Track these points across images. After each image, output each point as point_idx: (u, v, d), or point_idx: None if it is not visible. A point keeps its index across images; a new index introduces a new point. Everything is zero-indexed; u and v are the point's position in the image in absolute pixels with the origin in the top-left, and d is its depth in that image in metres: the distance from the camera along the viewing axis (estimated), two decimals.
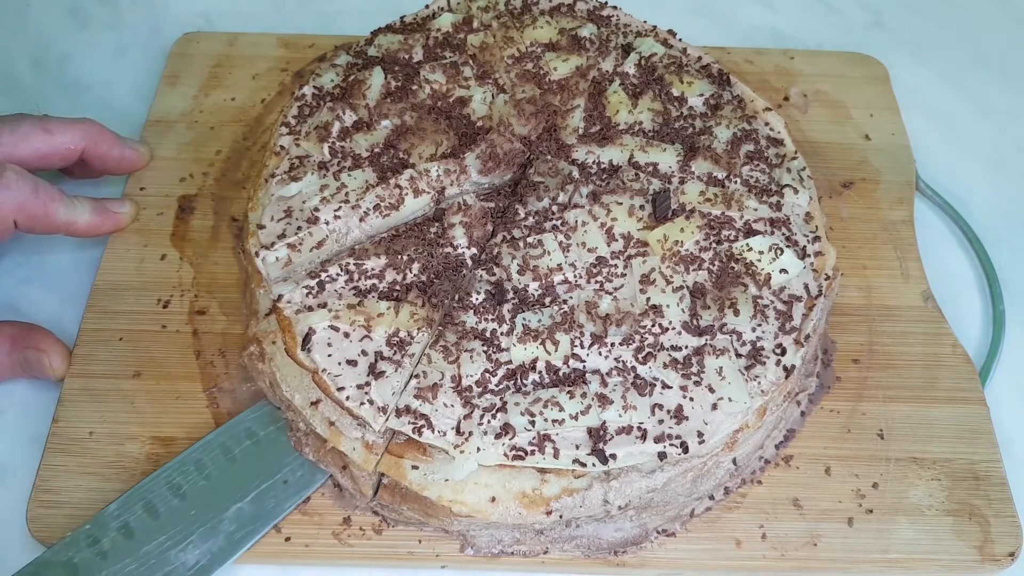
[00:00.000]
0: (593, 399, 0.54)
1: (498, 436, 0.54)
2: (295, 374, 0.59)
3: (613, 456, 0.53)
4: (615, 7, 0.79)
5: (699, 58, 0.75)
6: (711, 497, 0.61)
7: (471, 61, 0.73)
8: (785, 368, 0.58)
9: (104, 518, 0.56)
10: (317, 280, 0.59)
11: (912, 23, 0.95)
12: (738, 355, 0.58)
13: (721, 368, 0.57)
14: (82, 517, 0.58)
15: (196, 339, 0.67)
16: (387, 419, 0.55)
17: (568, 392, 0.55)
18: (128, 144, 0.74)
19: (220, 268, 0.71)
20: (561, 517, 0.55)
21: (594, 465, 0.53)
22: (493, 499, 0.55)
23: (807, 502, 0.61)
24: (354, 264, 0.60)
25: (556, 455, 0.53)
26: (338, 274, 0.60)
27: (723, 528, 0.60)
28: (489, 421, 0.54)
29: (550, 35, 0.74)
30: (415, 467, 0.55)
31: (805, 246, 0.63)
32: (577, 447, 0.54)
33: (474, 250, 0.62)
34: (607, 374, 0.56)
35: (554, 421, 0.54)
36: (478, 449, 0.54)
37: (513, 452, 0.53)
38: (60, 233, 0.67)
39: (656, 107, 0.70)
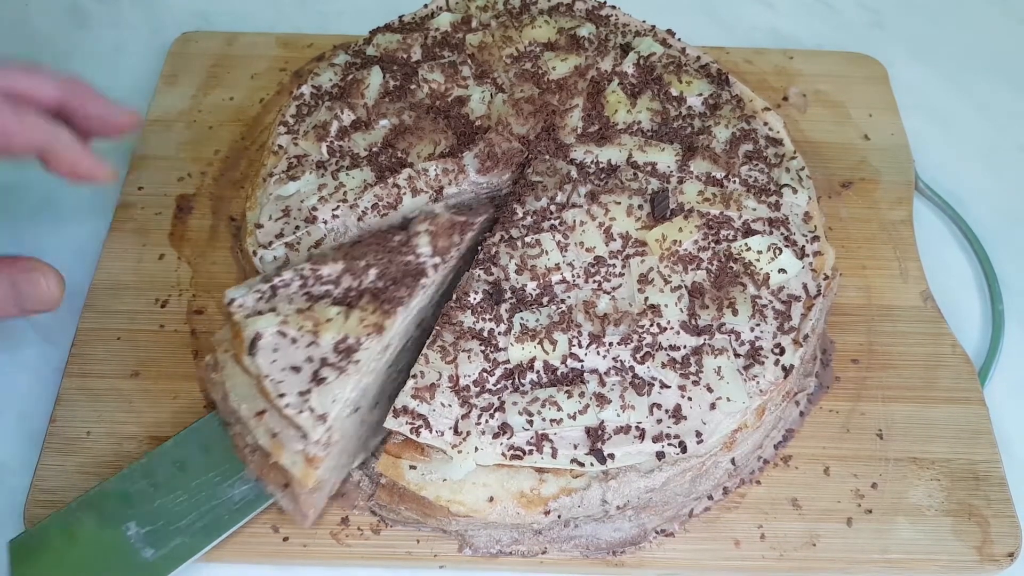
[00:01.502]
0: (591, 399, 0.54)
1: (496, 436, 0.54)
2: (244, 383, 0.57)
3: (611, 456, 0.53)
4: (614, 6, 0.79)
5: (698, 58, 0.75)
6: (710, 497, 0.61)
7: (469, 60, 0.73)
8: (784, 368, 0.58)
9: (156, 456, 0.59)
10: (270, 284, 0.58)
11: (911, 23, 0.95)
12: (736, 355, 0.58)
13: (719, 368, 0.56)
14: None
15: (194, 339, 0.67)
16: (328, 429, 0.53)
17: (566, 392, 0.55)
18: (115, 104, 0.64)
19: (218, 267, 0.71)
20: (559, 517, 0.55)
21: (592, 465, 0.53)
22: (491, 499, 0.54)
23: (806, 502, 0.61)
24: (310, 269, 0.58)
25: (554, 455, 0.53)
26: (292, 279, 0.58)
27: (722, 528, 0.60)
28: (487, 421, 0.54)
29: (549, 35, 0.74)
30: (413, 467, 0.55)
31: (804, 246, 0.63)
32: (575, 447, 0.54)
33: (437, 259, 0.60)
34: (605, 374, 0.56)
35: (552, 421, 0.54)
36: (476, 449, 0.53)
37: (511, 452, 0.53)
38: (31, 151, 0.57)
39: (655, 107, 0.70)
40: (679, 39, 0.76)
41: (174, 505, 0.57)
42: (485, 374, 0.56)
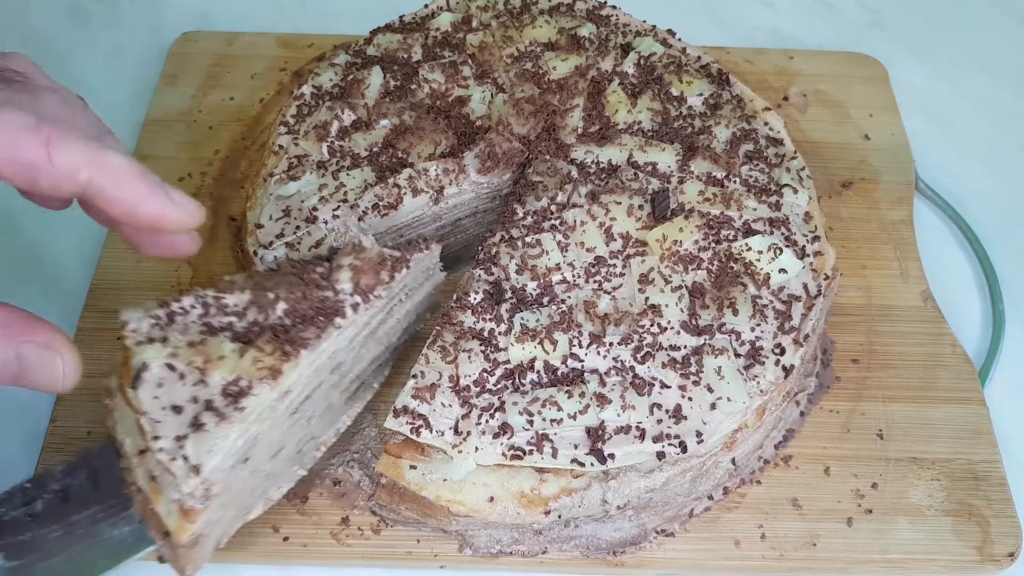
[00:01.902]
0: (591, 399, 0.54)
1: (496, 436, 0.54)
2: (130, 416, 0.50)
3: (611, 456, 0.53)
4: (614, 6, 0.79)
5: (698, 58, 0.75)
6: (710, 497, 0.60)
7: (470, 60, 0.73)
8: (784, 368, 0.58)
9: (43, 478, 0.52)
10: (167, 310, 0.51)
11: (911, 23, 0.95)
12: (737, 355, 0.58)
13: (720, 368, 0.56)
14: None
15: None
16: (201, 482, 0.47)
17: (566, 392, 0.55)
18: (174, 195, 0.46)
19: (219, 268, 0.71)
20: (560, 517, 0.55)
21: (592, 465, 0.53)
22: (491, 499, 0.54)
23: (806, 502, 0.61)
24: (212, 297, 0.52)
25: (554, 455, 0.53)
26: (192, 306, 0.51)
27: (722, 528, 0.60)
28: (487, 421, 0.54)
29: (549, 34, 0.74)
30: (413, 467, 0.55)
31: (804, 246, 0.63)
32: (575, 447, 0.54)
33: (357, 299, 0.53)
34: (605, 374, 0.56)
35: (552, 421, 0.54)
36: (476, 449, 0.53)
37: (511, 452, 0.53)
38: (75, 194, 0.43)
39: (655, 107, 0.69)
40: (679, 39, 0.76)
41: (47, 540, 0.50)
42: (485, 374, 0.56)
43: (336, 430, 0.60)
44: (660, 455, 0.54)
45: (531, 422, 0.54)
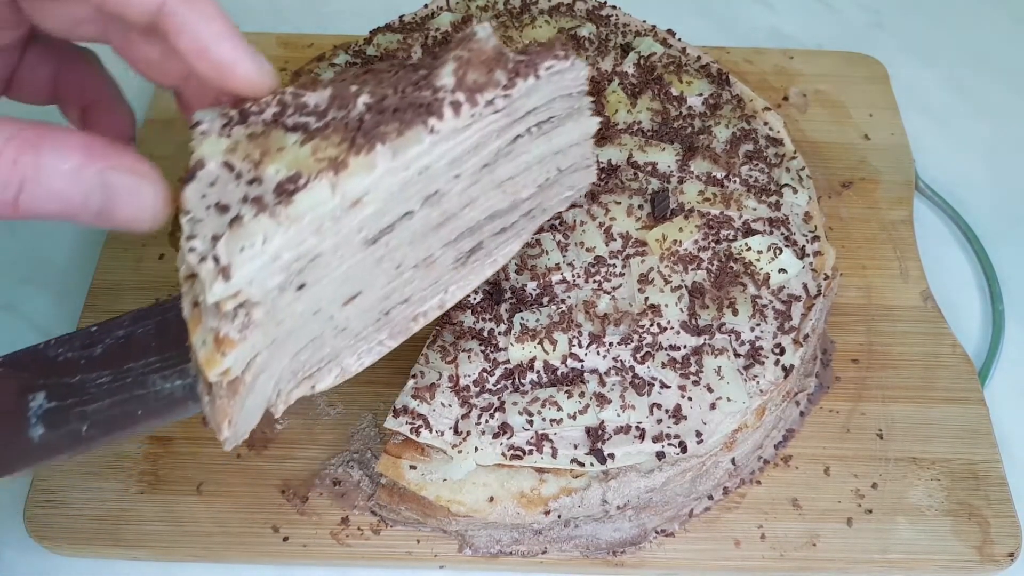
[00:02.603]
0: (591, 398, 0.54)
1: (496, 436, 0.54)
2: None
3: (611, 456, 0.53)
4: (614, 6, 0.79)
5: (698, 58, 0.75)
6: (710, 497, 0.60)
7: None
8: (784, 368, 0.58)
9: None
10: (240, 108, 0.43)
11: (911, 23, 0.95)
12: (737, 355, 0.58)
13: (720, 368, 0.56)
14: (80, 517, 0.58)
15: None
16: (234, 290, 0.38)
17: (566, 392, 0.55)
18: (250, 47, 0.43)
19: None
20: (559, 517, 0.55)
21: (592, 465, 0.53)
22: (491, 499, 0.54)
23: (806, 502, 0.61)
24: (291, 95, 0.44)
25: (554, 455, 0.53)
26: (268, 104, 0.44)
27: (722, 528, 0.60)
28: (487, 421, 0.54)
29: (549, 34, 0.74)
30: (413, 467, 0.55)
31: (804, 246, 0.63)
32: (575, 447, 0.54)
33: (461, 97, 0.42)
34: (605, 373, 0.56)
35: (552, 421, 0.54)
36: (476, 449, 0.53)
37: (511, 452, 0.53)
38: (149, 12, 0.40)
39: (655, 106, 0.69)
40: (679, 39, 0.76)
41: (93, 385, 0.45)
42: (485, 374, 0.56)
43: (440, 301, 0.48)
44: (660, 455, 0.54)
45: (531, 422, 0.54)
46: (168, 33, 0.40)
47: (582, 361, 0.56)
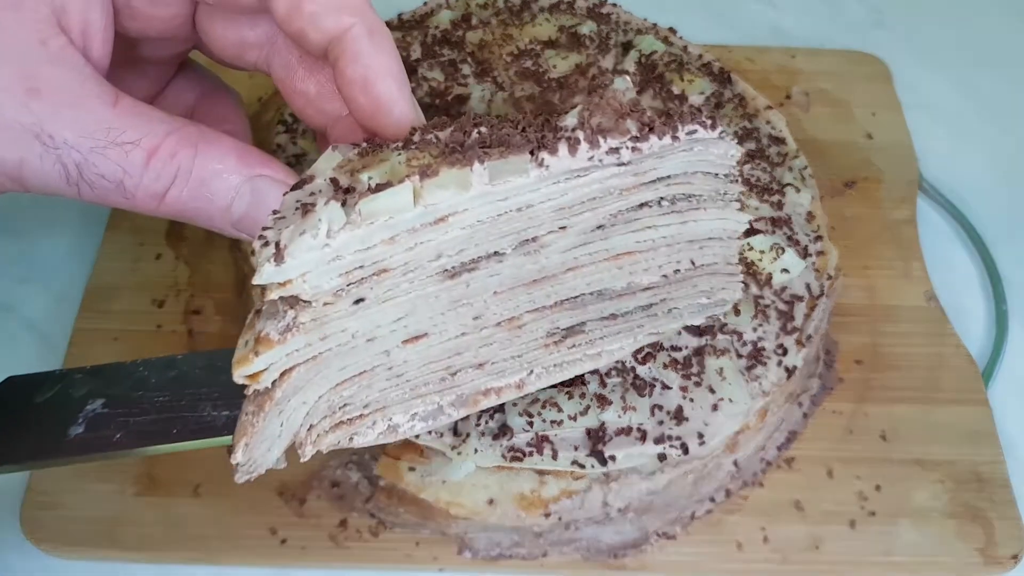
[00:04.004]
0: (592, 400, 0.54)
1: (496, 437, 0.53)
2: None
3: (612, 457, 0.53)
4: (615, 4, 0.78)
5: (700, 56, 0.74)
6: (712, 499, 0.60)
7: (469, 59, 0.72)
8: (787, 369, 0.57)
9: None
10: (373, 144, 0.42)
11: (914, 21, 0.95)
12: (739, 355, 0.57)
13: (722, 368, 0.56)
14: (77, 519, 0.57)
15: (191, 339, 0.66)
16: (279, 272, 0.36)
17: (567, 393, 0.54)
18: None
19: (216, 267, 0.70)
20: (560, 519, 0.54)
21: (593, 467, 0.53)
22: (491, 501, 0.54)
23: (809, 504, 0.60)
24: (419, 133, 0.42)
25: (555, 456, 0.53)
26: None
27: (724, 531, 0.59)
28: (487, 422, 0.54)
29: (549, 32, 0.74)
30: (412, 469, 0.55)
31: (807, 245, 0.62)
32: (576, 448, 0.53)
33: (580, 135, 0.38)
34: (606, 374, 0.56)
35: (552, 422, 0.53)
36: (476, 451, 0.53)
37: (511, 453, 0.53)
38: (326, 39, 0.40)
39: (656, 105, 0.69)
40: (681, 37, 0.76)
41: (148, 401, 0.45)
42: None
43: (520, 381, 0.44)
44: (661, 457, 0.53)
45: (531, 423, 0.53)
46: (340, 59, 0.40)
47: None
